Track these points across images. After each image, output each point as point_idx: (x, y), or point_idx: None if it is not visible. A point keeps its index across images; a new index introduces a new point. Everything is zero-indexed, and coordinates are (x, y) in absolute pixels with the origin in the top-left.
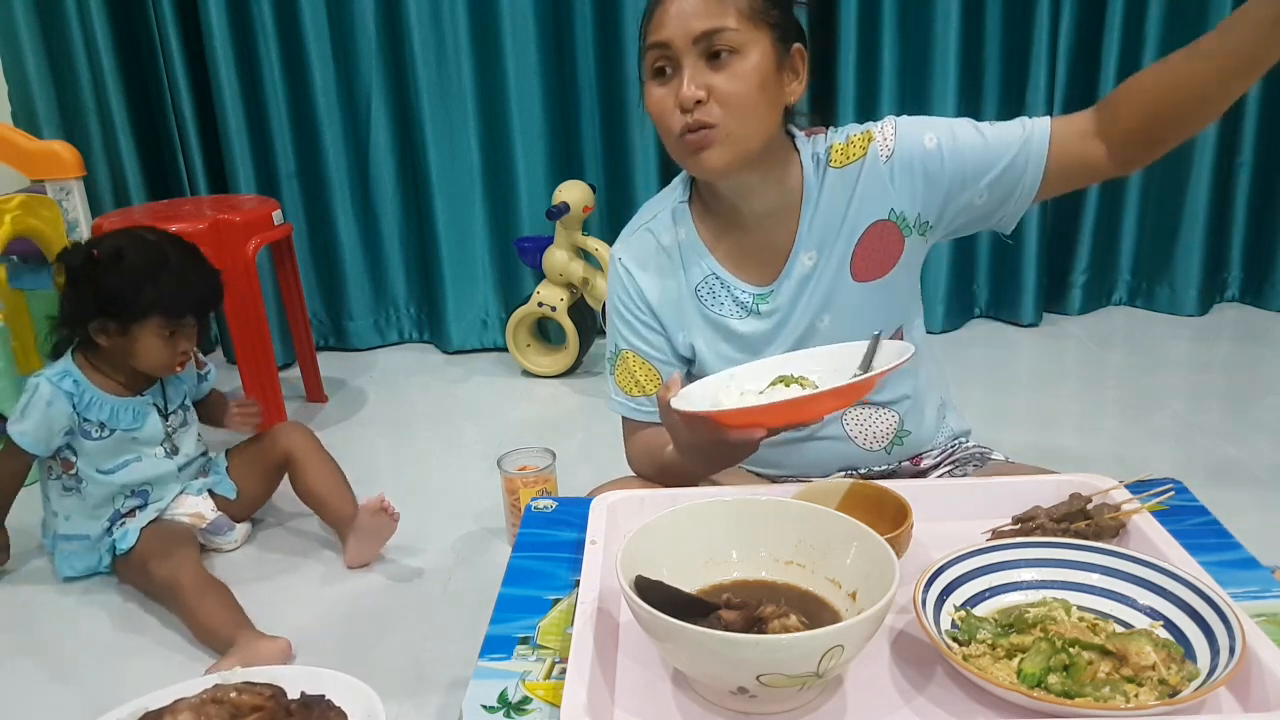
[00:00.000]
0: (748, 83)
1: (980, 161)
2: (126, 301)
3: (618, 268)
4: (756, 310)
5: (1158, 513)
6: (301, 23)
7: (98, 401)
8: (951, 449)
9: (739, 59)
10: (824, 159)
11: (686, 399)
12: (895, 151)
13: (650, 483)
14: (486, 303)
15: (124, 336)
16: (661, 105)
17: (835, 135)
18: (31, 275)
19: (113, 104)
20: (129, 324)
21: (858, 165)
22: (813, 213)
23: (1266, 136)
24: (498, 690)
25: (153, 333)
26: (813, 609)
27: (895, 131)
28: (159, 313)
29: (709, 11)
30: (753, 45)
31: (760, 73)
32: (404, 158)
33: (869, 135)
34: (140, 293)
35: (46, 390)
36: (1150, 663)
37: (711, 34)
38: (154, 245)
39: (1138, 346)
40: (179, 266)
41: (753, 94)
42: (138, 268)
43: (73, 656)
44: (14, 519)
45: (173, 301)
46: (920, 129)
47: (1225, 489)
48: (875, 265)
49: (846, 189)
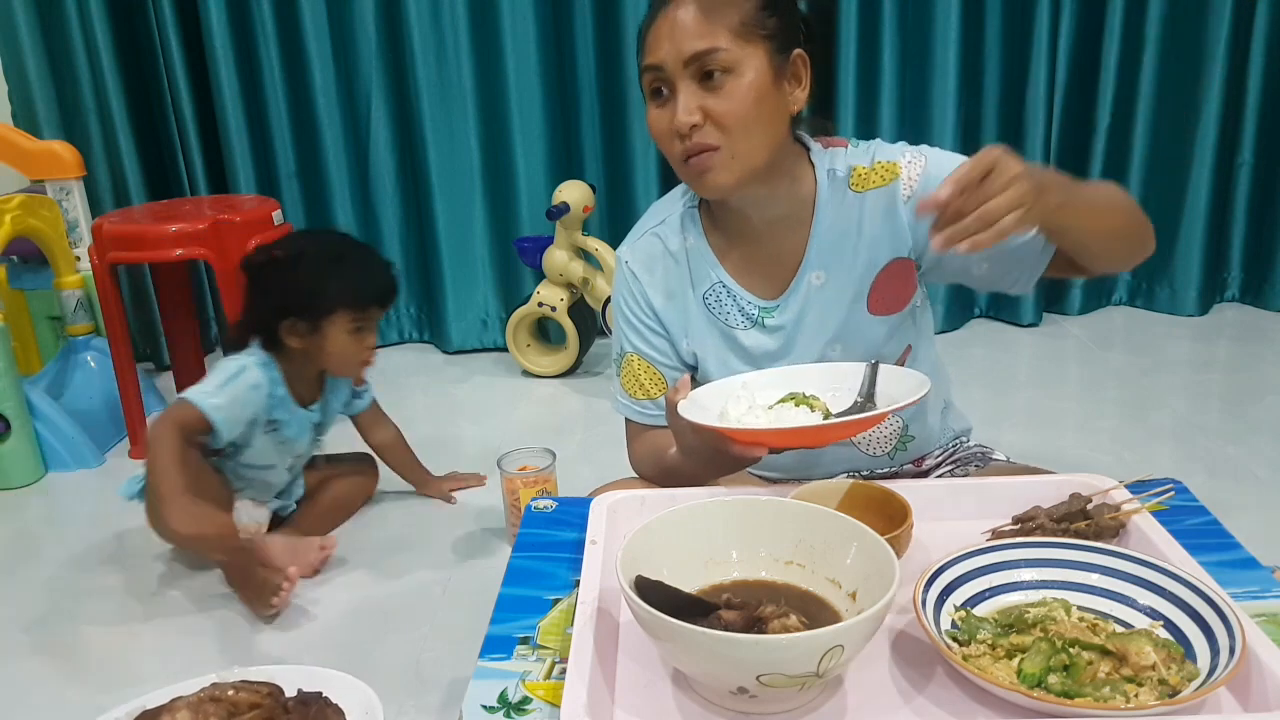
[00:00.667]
0: (743, 102)
1: None
2: (315, 296)
3: (624, 271)
4: (761, 323)
5: (1158, 513)
6: (301, 23)
7: (285, 403)
8: (952, 449)
9: (733, 78)
10: (843, 177)
11: (695, 403)
12: (915, 195)
13: (652, 483)
14: (486, 303)
15: (314, 334)
16: (660, 128)
17: (857, 154)
18: (31, 275)
19: (113, 104)
20: (319, 320)
21: (877, 194)
22: (824, 228)
23: (1266, 136)
24: (498, 690)
25: (341, 328)
26: (813, 609)
27: (922, 173)
28: (347, 305)
29: (699, 32)
30: (747, 62)
31: (756, 90)
32: (404, 158)
33: (895, 169)
34: (327, 287)
35: (255, 374)
36: (1150, 663)
37: (703, 55)
38: (333, 242)
39: (1138, 346)
40: (359, 260)
41: (750, 112)
42: (321, 263)
43: (72, 656)
44: (14, 520)
45: (358, 293)
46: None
47: (1225, 489)
48: (892, 300)
49: (862, 215)
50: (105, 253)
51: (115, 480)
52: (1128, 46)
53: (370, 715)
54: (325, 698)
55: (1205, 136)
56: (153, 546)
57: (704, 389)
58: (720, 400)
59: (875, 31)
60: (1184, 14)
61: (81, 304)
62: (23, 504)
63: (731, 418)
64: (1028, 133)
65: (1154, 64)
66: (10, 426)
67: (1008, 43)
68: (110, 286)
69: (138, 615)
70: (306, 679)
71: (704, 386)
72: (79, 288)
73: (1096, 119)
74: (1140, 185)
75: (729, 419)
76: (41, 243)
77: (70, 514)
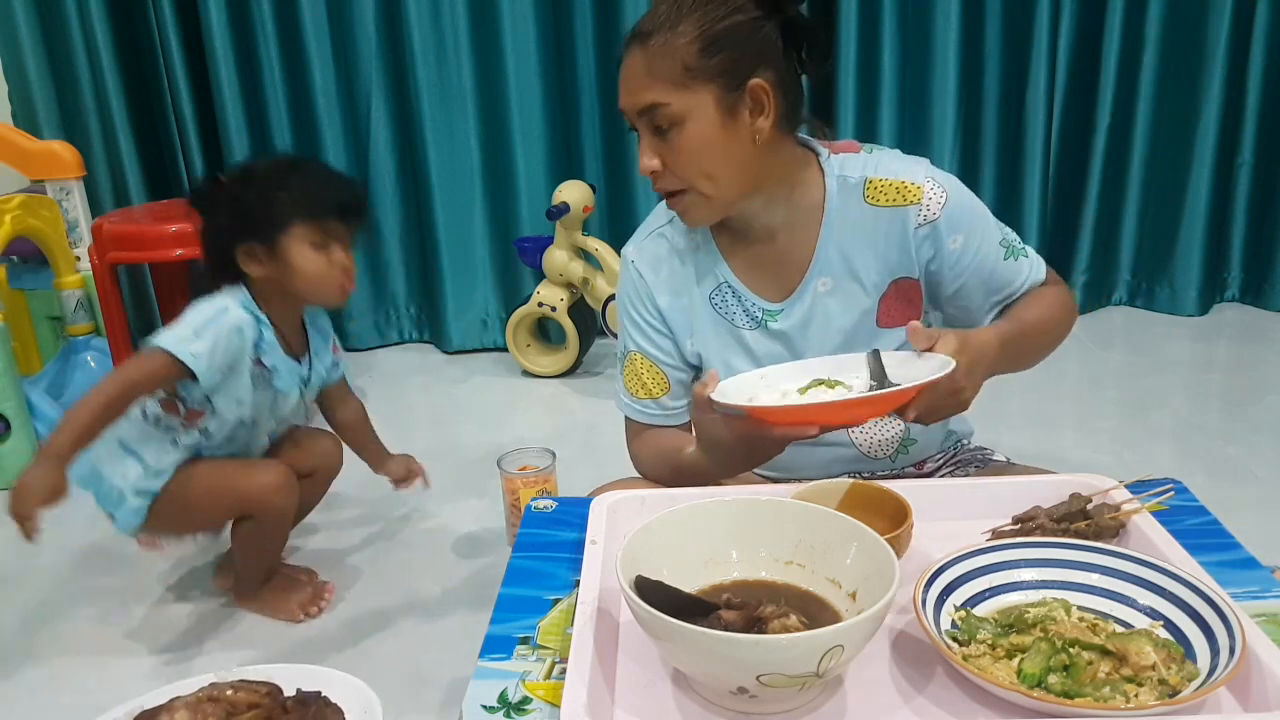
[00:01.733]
0: (694, 152)
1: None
2: (266, 210)
3: (630, 269)
4: (765, 325)
5: (1158, 513)
6: (301, 23)
7: (274, 347)
8: (953, 451)
9: (679, 130)
10: (855, 185)
11: (724, 395)
12: (930, 225)
13: (652, 483)
14: (486, 303)
15: (275, 258)
16: (641, 164)
17: (873, 165)
18: (31, 275)
19: (113, 104)
20: (275, 238)
21: (892, 212)
22: (833, 235)
23: (1266, 136)
24: (498, 690)
25: (302, 241)
26: (813, 609)
27: (942, 207)
28: (301, 217)
29: (641, 86)
30: (691, 112)
31: (704, 138)
32: (404, 158)
33: (918, 192)
34: (277, 199)
35: (238, 315)
36: (1150, 663)
37: (648, 110)
38: (285, 158)
39: (1138, 346)
40: (312, 170)
41: (703, 159)
42: (270, 178)
43: (71, 656)
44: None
45: (313, 201)
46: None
47: (1225, 489)
48: (900, 315)
49: (875, 229)
50: (105, 253)
51: None
52: (1128, 46)
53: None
54: (324, 697)
55: (1205, 136)
56: None
57: (726, 382)
58: (746, 391)
59: (875, 32)
60: (1184, 14)
61: (81, 304)
62: None
63: (763, 404)
64: (1028, 133)
65: (1154, 64)
66: (10, 426)
67: (1008, 43)
68: (110, 286)
69: (137, 615)
70: (306, 679)
71: (724, 381)
72: (79, 288)
73: (1096, 119)
74: (1140, 185)
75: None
76: (41, 243)
77: (70, 514)
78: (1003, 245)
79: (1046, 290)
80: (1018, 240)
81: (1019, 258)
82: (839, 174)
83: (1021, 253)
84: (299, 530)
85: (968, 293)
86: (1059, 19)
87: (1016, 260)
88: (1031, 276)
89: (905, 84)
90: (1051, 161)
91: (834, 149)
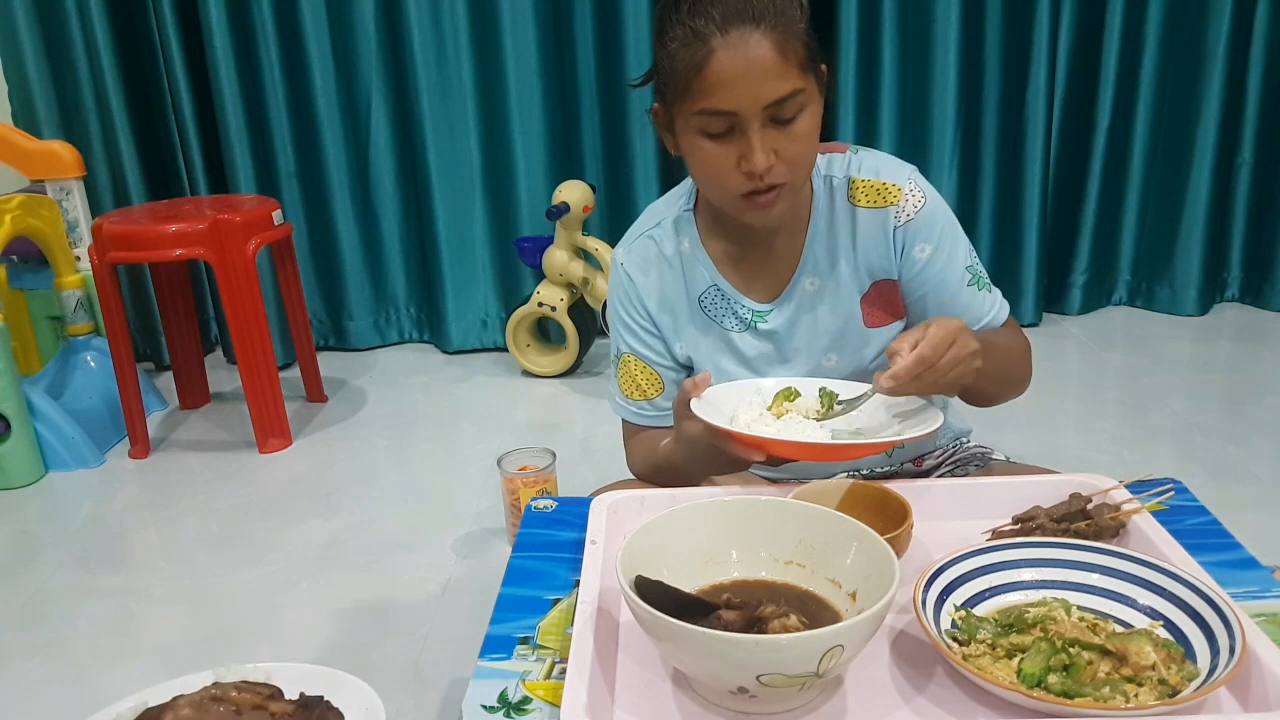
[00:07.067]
0: (810, 140)
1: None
2: None
3: (619, 272)
4: (754, 327)
5: (1158, 513)
6: (301, 23)
7: None
8: (952, 449)
9: (804, 117)
10: (840, 186)
11: (710, 400)
12: (906, 226)
13: (647, 483)
14: (486, 303)
15: None
16: (719, 165)
17: (858, 166)
18: (31, 275)
19: (113, 104)
20: None
21: (872, 213)
22: (819, 235)
23: (1266, 136)
24: (498, 690)
25: None
26: (813, 609)
27: (918, 211)
28: None
29: (778, 74)
30: (811, 98)
31: (816, 123)
32: (404, 158)
33: (896, 193)
34: None
35: None
36: (1150, 663)
37: (783, 100)
38: None
39: (1138, 346)
40: None
41: (814, 149)
42: None
43: (74, 654)
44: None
45: None
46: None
47: (1225, 489)
48: (884, 316)
49: (856, 229)
50: (105, 253)
51: (115, 480)
52: (1128, 46)
53: (371, 715)
54: (327, 702)
55: (1205, 136)
56: (153, 546)
57: (721, 387)
58: (734, 401)
59: (875, 32)
60: (1184, 14)
61: (81, 304)
62: (23, 504)
63: (741, 422)
64: (1028, 133)
65: (1154, 64)
66: (10, 426)
67: (1008, 43)
68: (110, 286)
69: (137, 615)
70: (306, 678)
71: (721, 385)
72: (79, 288)
73: (1096, 119)
74: (1140, 185)
75: (739, 424)
76: (41, 243)
77: (70, 514)
78: (969, 271)
79: (1011, 331)
80: (985, 275)
81: (983, 290)
82: (825, 174)
83: (987, 287)
84: (299, 530)
85: (925, 310)
86: (1059, 19)
87: (980, 291)
88: (995, 314)
89: (905, 84)
90: (1051, 161)
91: (821, 149)
